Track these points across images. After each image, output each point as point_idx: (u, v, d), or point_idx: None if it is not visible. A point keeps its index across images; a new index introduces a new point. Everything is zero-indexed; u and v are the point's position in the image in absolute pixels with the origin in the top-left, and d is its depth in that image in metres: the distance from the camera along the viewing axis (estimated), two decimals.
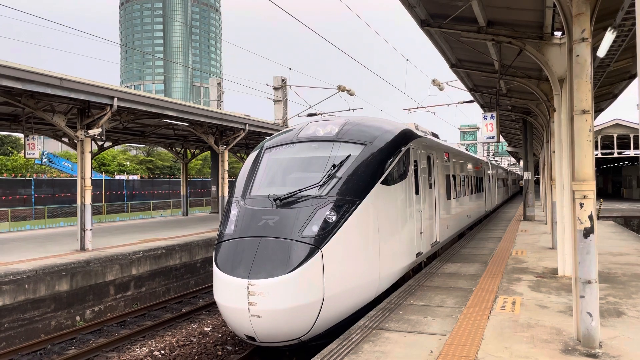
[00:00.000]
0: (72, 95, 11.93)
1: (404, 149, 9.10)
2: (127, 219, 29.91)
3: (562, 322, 6.22)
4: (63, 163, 37.74)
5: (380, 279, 7.88)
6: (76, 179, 13.50)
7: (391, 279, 8.36)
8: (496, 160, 70.82)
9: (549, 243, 13.48)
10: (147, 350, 8.98)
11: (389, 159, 8.46)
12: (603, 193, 51.41)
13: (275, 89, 26.32)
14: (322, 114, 22.83)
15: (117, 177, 45.96)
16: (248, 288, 6.56)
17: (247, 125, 18.94)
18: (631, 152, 32.04)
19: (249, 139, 23.76)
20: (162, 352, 8.81)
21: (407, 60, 21.91)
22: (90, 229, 13.36)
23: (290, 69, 24.71)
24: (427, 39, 10.77)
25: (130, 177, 47.61)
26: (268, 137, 9.68)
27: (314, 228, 6.99)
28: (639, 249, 12.56)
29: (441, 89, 21.76)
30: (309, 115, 23.72)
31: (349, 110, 24.06)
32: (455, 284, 8.63)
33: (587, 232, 5.18)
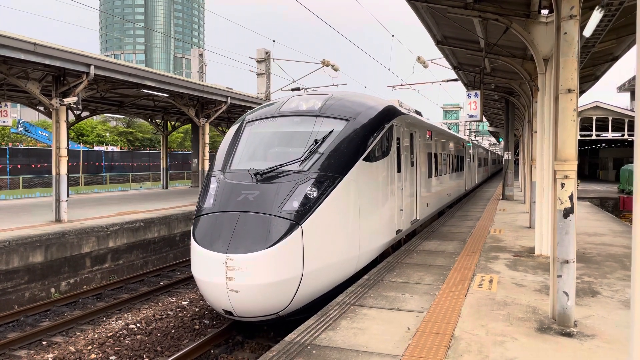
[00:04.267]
0: (47, 62, 11.50)
1: (387, 126, 9.02)
2: (106, 190, 29.46)
3: (537, 300, 6.29)
4: (40, 132, 36.77)
5: (360, 256, 7.87)
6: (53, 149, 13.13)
7: (371, 256, 8.36)
8: (477, 140, 71.34)
9: (526, 222, 13.65)
10: (122, 323, 8.89)
11: (372, 136, 8.37)
12: (580, 174, 52.15)
13: (259, 61, 25.89)
14: (305, 89, 22.55)
15: (96, 148, 45.08)
16: (226, 263, 6.48)
17: (229, 98, 18.60)
18: (609, 135, 32.51)
19: (231, 112, 23.39)
20: (139, 325, 8.72)
21: (393, 36, 21.66)
22: (66, 200, 13.07)
23: (274, 41, 24.26)
24: (414, 16, 10.60)
25: (110, 148, 46.77)
26: (250, 110, 9.49)
27: (294, 203, 6.90)
28: (613, 229, 12.79)
29: (426, 67, 21.63)
30: (292, 89, 23.43)
31: (333, 85, 23.81)
32: (434, 262, 8.68)
33: (567, 212, 5.19)
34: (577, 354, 4.60)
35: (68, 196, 13.34)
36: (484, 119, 36.36)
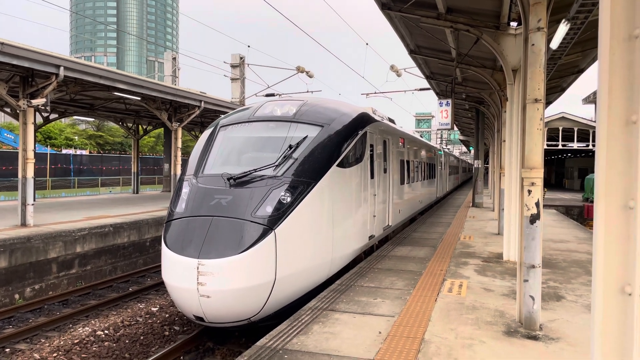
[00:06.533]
0: (14, 62, 11.22)
1: (360, 133, 9.10)
2: (74, 195, 28.78)
3: (505, 304, 6.43)
4: (5, 134, 35.72)
5: (333, 261, 7.90)
6: (18, 152, 12.79)
7: (344, 261, 8.41)
8: (448, 148, 72.48)
9: (495, 229, 13.93)
10: (90, 329, 8.70)
11: (346, 142, 8.44)
12: (546, 183, 53.63)
13: (233, 66, 25.80)
14: (280, 95, 22.57)
15: (64, 151, 44.02)
16: (198, 268, 6.42)
17: (203, 102, 18.47)
18: (574, 145, 33.50)
19: (204, 117, 23.21)
20: (106, 332, 8.54)
21: (367, 44, 21.89)
22: (32, 204, 12.73)
23: (249, 46, 24.22)
24: (388, 25, 10.77)
25: (78, 151, 45.74)
26: (224, 115, 9.46)
27: (268, 209, 6.90)
28: (578, 236, 13.17)
29: (399, 75, 21.90)
30: (267, 95, 23.35)
31: (308, 92, 23.87)
32: (406, 267, 8.78)
33: (534, 219, 5.34)
34: (543, 356, 4.73)
35: (34, 200, 13.00)
36: (455, 128, 37.01)
